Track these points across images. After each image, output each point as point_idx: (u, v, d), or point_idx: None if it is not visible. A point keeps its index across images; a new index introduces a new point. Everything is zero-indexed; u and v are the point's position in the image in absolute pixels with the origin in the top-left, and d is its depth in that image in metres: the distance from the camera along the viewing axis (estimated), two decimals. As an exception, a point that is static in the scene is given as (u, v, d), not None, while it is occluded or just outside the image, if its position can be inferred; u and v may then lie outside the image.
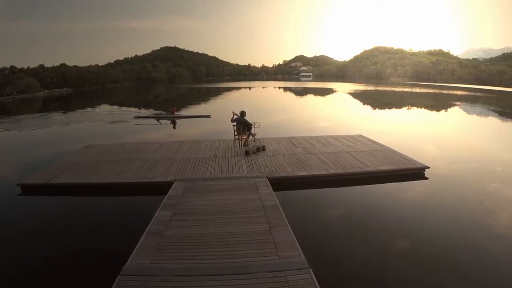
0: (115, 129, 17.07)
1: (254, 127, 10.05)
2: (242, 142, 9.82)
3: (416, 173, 8.35)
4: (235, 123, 9.76)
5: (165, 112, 20.06)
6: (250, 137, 9.96)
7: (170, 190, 6.50)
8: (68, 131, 16.78)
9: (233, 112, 10.04)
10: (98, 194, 7.38)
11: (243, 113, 9.82)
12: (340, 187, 7.58)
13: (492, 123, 20.97)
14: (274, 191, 6.49)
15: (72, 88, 67.73)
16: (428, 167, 8.40)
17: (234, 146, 9.83)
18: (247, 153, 8.82)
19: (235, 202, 5.76)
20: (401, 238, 5.29)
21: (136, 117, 20.23)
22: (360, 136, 11.77)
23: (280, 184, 7.19)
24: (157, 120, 19.07)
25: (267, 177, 7.17)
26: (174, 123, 18.46)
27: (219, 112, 22.28)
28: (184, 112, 23.23)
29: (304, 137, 11.30)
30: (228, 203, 5.71)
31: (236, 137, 9.85)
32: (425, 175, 8.34)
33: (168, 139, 13.11)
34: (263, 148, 9.34)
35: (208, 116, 19.79)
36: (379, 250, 4.89)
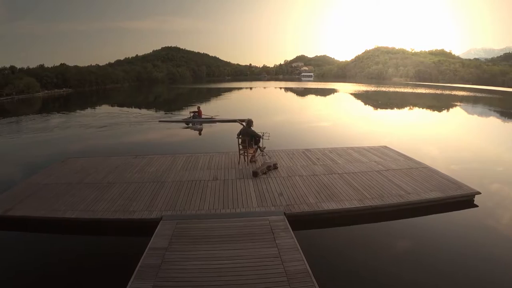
0: (109, 135, 15.09)
1: (263, 138, 8.18)
2: (249, 158, 7.94)
3: (465, 200, 6.53)
4: (240, 135, 7.88)
5: (191, 115, 17.43)
6: (258, 151, 8.11)
7: (153, 236, 4.63)
8: (55, 138, 14.80)
9: (238, 121, 8.18)
10: (62, 231, 5.58)
11: (249, 122, 7.93)
12: (376, 222, 5.73)
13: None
14: (294, 230, 4.70)
15: (72, 88, 66.19)
16: (479, 193, 6.56)
17: (239, 163, 7.92)
18: (255, 174, 6.93)
19: (243, 265, 3.87)
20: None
21: (161, 121, 17.89)
22: (385, 147, 9.90)
23: (302, 221, 5.34)
24: (187, 124, 16.74)
25: (284, 213, 5.31)
26: (204, 127, 16.17)
27: (257, 114, 19.75)
28: (219, 114, 18.76)
29: (321, 149, 9.41)
30: (234, 268, 3.82)
31: (241, 151, 7.97)
32: (475, 202, 6.55)
33: (164, 149, 11.33)
34: (275, 167, 7.45)
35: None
36: None
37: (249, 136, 7.66)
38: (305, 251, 4.21)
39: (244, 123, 7.98)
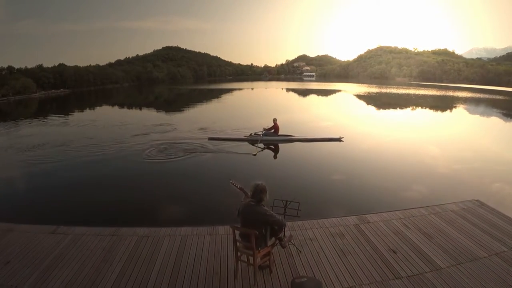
0: (58, 166, 9.85)
1: (285, 225, 3.73)
2: (256, 266, 3.48)
3: None
4: (239, 219, 3.60)
5: (261, 133, 12.35)
6: (275, 241, 3.83)
7: None
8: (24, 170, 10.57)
9: (232, 183, 3.94)
10: None
11: (258, 192, 3.41)
12: None
13: None
14: None
15: (70, 89, 62.81)
16: None
17: (236, 278, 3.60)
18: None
19: None
20: None
21: (211, 139, 12.62)
22: (480, 204, 5.66)
23: None
24: (252, 145, 11.73)
25: None
26: (275, 149, 11.48)
27: (352, 132, 14.45)
28: (291, 130, 13.05)
29: (383, 216, 5.00)
30: None
31: (240, 254, 3.53)
32: None
33: (114, 207, 7.03)
34: (316, 296, 3.22)
35: (339, 140, 12.38)
36: None
37: (259, 225, 3.35)
38: None
39: (248, 194, 3.61)
